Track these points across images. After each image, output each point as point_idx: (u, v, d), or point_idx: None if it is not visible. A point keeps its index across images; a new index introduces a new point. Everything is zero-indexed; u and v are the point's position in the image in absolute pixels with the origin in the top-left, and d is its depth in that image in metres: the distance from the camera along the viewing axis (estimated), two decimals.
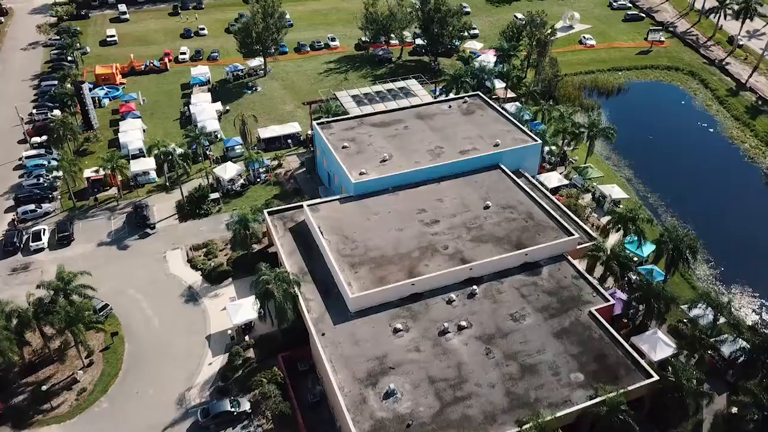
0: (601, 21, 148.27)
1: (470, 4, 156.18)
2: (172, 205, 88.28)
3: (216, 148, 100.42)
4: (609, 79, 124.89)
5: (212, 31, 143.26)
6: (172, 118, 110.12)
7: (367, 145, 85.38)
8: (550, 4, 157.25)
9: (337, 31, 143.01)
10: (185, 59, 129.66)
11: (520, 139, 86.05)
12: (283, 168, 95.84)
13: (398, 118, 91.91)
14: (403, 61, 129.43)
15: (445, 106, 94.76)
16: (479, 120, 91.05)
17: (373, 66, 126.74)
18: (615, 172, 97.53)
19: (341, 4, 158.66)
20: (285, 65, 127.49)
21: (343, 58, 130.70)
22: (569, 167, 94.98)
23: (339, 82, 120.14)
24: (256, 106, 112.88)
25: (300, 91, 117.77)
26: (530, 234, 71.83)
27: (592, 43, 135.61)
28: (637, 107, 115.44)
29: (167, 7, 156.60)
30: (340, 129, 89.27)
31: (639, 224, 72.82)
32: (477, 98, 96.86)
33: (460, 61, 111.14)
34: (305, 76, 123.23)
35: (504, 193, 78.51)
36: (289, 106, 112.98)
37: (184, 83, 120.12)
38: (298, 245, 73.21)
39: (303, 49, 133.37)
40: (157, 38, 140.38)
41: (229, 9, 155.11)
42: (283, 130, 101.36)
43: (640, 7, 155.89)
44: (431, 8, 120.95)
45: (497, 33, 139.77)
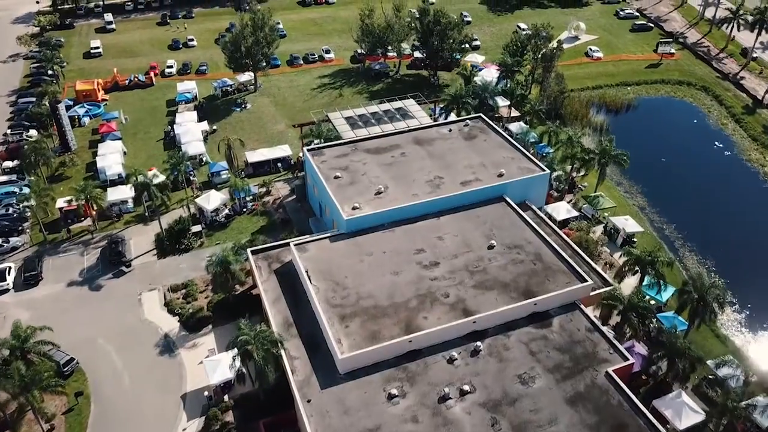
0: (608, 31, 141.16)
1: (471, 13, 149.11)
2: (150, 239, 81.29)
3: (201, 173, 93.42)
4: (617, 94, 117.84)
5: (201, 42, 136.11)
6: (155, 139, 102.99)
7: (361, 175, 78.34)
8: (554, 14, 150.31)
9: (332, 41, 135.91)
10: (172, 73, 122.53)
11: (526, 169, 79.02)
12: (271, 196, 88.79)
13: (395, 143, 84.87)
14: (401, 75, 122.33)
15: (445, 129, 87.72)
16: (482, 146, 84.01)
17: (370, 81, 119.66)
18: (627, 199, 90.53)
19: (337, 12, 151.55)
20: (277, 80, 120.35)
21: (338, 72, 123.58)
22: (578, 195, 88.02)
23: (333, 99, 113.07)
24: (245, 126, 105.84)
25: (292, 108, 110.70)
26: (539, 279, 64.84)
27: (599, 56, 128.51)
28: (647, 126, 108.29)
29: (156, 16, 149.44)
30: (333, 156, 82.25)
31: (658, 267, 65.91)
32: (479, 121, 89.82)
33: (460, 75, 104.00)
34: (298, 91, 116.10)
35: (509, 230, 71.50)
36: (280, 125, 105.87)
37: (170, 99, 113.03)
38: (284, 291, 66.22)
39: (296, 61, 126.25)
40: (144, 50, 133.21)
41: (220, 18, 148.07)
42: (272, 153, 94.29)
43: (648, 16, 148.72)
44: (430, 20, 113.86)
45: (499, 45, 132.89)
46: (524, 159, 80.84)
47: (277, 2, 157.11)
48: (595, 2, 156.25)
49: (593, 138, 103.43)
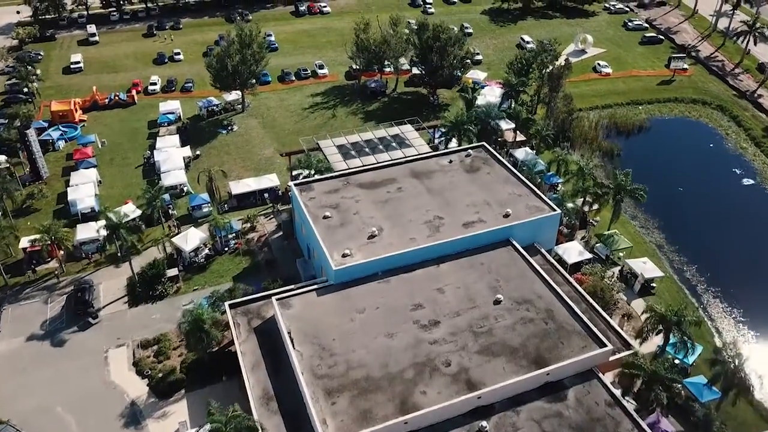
0: (616, 44, 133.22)
1: (472, 24, 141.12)
2: (122, 283, 73.54)
3: (181, 206, 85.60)
4: (628, 114, 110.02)
5: (189, 56, 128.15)
6: (134, 165, 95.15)
7: (353, 214, 70.53)
8: (559, 25, 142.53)
9: (326, 55, 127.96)
10: (155, 90, 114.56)
11: (535, 208, 71.18)
12: (256, 232, 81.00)
13: (391, 176, 77.04)
14: (398, 93, 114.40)
15: (445, 160, 79.86)
16: (485, 180, 76.19)
17: (365, 99, 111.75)
18: (643, 235, 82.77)
19: (331, 23, 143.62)
20: (266, 98, 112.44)
21: (332, 90, 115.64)
22: (591, 232, 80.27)
23: (325, 121, 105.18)
24: (231, 150, 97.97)
25: (281, 131, 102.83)
26: (551, 342, 57.07)
27: (608, 71, 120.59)
28: (661, 150, 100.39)
29: (142, 27, 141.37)
30: (322, 191, 74.43)
31: (685, 328, 58.20)
32: (482, 150, 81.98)
33: (461, 97, 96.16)
34: (288, 112, 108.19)
35: (517, 280, 63.70)
36: (268, 150, 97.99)
37: (152, 120, 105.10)
38: (265, 354, 58.51)
39: (287, 78, 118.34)
40: (127, 64, 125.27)
41: (209, 29, 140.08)
42: (258, 183, 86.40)
43: (658, 27, 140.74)
44: (429, 36, 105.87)
45: (502, 58, 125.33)
46: (532, 196, 73.00)
47: (270, 13, 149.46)
48: (602, 12, 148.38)
49: (604, 165, 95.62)
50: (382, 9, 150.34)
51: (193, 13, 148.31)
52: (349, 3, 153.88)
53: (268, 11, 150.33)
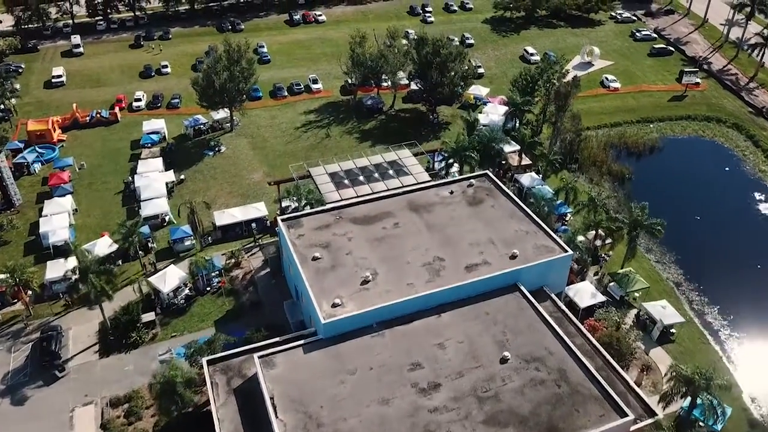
0: (624, 56, 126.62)
1: (473, 34, 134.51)
2: (94, 328, 67.07)
3: (162, 237, 79.09)
4: (639, 133, 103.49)
5: (177, 69, 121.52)
6: (114, 190, 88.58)
7: (345, 254, 64.00)
8: (564, 35, 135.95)
9: (320, 68, 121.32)
10: (140, 107, 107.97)
11: (545, 248, 64.62)
12: (241, 268, 74.50)
13: (387, 209, 70.45)
14: (396, 110, 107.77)
15: (446, 191, 73.29)
16: (489, 214, 69.62)
17: (360, 117, 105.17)
18: (660, 271, 76.30)
19: (327, 33, 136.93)
20: (257, 115, 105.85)
21: (326, 106, 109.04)
22: (604, 268, 73.80)
23: (319, 141, 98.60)
24: (217, 174, 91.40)
25: (272, 152, 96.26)
26: (565, 410, 50.58)
27: (616, 86, 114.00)
28: (675, 174, 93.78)
29: (129, 37, 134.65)
30: (312, 227, 67.86)
31: (714, 392, 51.80)
32: (485, 180, 75.40)
33: (463, 120, 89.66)
34: (280, 131, 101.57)
35: (526, 333, 57.18)
36: (257, 173, 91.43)
37: (136, 140, 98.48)
38: (245, 420, 51.99)
39: (279, 93, 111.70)
40: (112, 78, 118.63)
41: (199, 39, 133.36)
42: (244, 213, 79.82)
43: (666, 38, 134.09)
44: (429, 51, 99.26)
45: (505, 71, 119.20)
46: (541, 234, 66.41)
47: (263, 22, 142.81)
48: (609, 22, 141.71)
49: (616, 193, 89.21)
50: (380, 18, 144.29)
51: (183, 22, 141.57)
52: (346, 12, 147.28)
53: (261, 20, 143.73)
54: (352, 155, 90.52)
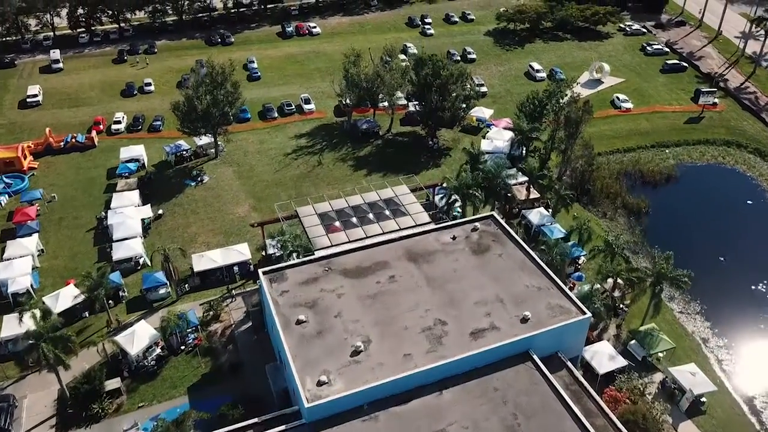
0: (636, 72, 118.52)
1: (475, 47, 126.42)
2: (53, 396, 59.15)
3: (134, 282, 71.13)
4: (654, 159, 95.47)
5: (161, 87, 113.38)
6: (86, 227, 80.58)
7: (334, 317, 56.12)
8: (571, 48, 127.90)
9: (313, 85, 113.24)
10: (120, 130, 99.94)
11: (559, 308, 56.72)
12: (220, 322, 66.54)
13: (382, 258, 62.57)
14: (393, 134, 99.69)
15: (448, 236, 65.36)
16: (497, 265, 61.70)
17: (355, 142, 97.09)
18: (684, 323, 68.41)
19: (321, 46, 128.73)
20: (244, 139, 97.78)
21: (319, 129, 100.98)
22: (623, 323, 65.86)
23: (310, 169, 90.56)
24: (199, 208, 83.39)
25: (259, 182, 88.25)
26: None
27: (628, 107, 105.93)
28: (695, 206, 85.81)
29: (113, 51, 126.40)
30: (297, 281, 59.97)
31: None
32: (491, 222, 67.44)
33: (465, 153, 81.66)
34: (268, 158, 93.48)
35: (540, 415, 49.35)
36: (242, 207, 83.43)
37: (113, 167, 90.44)
38: None
39: (269, 115, 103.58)
40: (92, 97, 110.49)
41: (186, 54, 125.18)
42: (225, 257, 71.74)
43: (679, 52, 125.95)
44: (428, 73, 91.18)
45: (509, 89, 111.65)
46: (555, 291, 58.51)
47: (254, 34, 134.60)
48: (617, 34, 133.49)
49: (633, 228, 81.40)
50: (377, 29, 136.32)
51: (169, 34, 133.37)
52: (341, 23, 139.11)
53: (252, 32, 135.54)
54: (344, 186, 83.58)
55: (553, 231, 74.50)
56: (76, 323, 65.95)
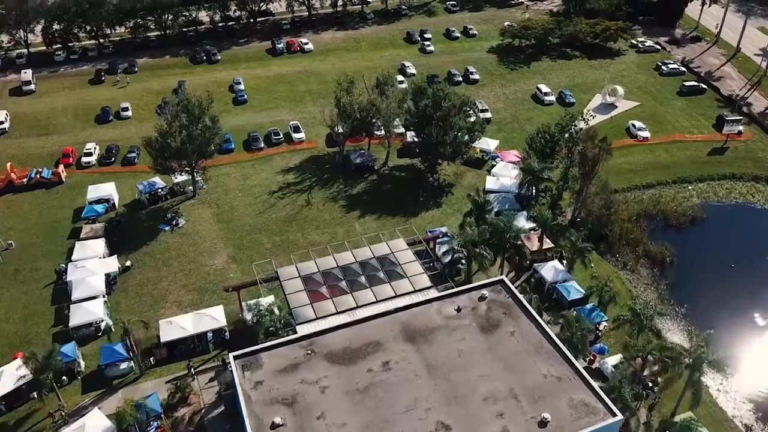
0: (651, 94, 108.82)
1: (478, 66, 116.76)
2: None
3: (94, 353, 61.59)
4: (676, 197, 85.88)
5: (139, 111, 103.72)
6: (44, 281, 71.09)
7: (317, 418, 46.66)
8: (581, 67, 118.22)
9: (304, 110, 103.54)
10: (90, 163, 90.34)
11: (583, 405, 47.24)
12: (188, 405, 57.04)
13: (374, 338, 53.05)
14: (389, 168, 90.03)
15: (451, 307, 55.83)
16: (509, 347, 52.16)
17: (348, 177, 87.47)
18: (722, 404, 58.91)
19: (313, 65, 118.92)
20: (227, 174, 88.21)
21: (309, 162, 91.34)
22: (655, 410, 56.35)
23: (297, 210, 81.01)
24: (172, 258, 73.82)
25: (240, 226, 78.67)
26: None
27: (645, 135, 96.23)
28: (725, 256, 75.66)
29: (90, 70, 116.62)
30: (274, 369, 50.52)
31: None
32: (501, 289, 57.86)
33: (470, 200, 72.12)
34: (252, 196, 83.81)
35: None
36: (220, 258, 73.88)
37: (80, 207, 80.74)
38: None
39: (255, 145, 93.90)
40: (63, 123, 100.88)
41: (169, 73, 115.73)
42: (197, 324, 62.15)
43: (697, 72, 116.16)
44: (428, 104, 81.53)
45: (515, 114, 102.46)
46: (578, 382, 49.00)
47: (242, 51, 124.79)
48: (630, 52, 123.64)
49: (657, 283, 71.98)
50: (374, 45, 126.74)
51: (152, 51, 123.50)
52: (336, 39, 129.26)
53: (240, 48, 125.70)
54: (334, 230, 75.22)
55: (569, 291, 65.18)
56: (21, 407, 56.59)
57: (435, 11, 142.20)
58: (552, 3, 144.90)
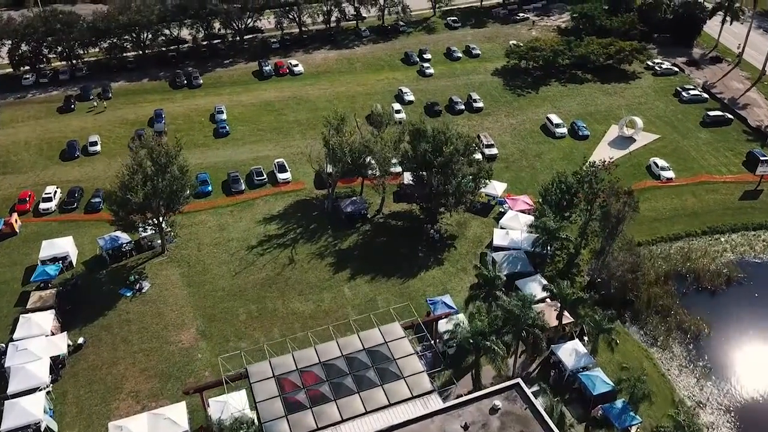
0: (672, 126, 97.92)
1: (482, 92, 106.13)
2: None
3: None
4: (708, 251, 75.07)
5: (109, 146, 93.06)
6: None
7: None
8: (592, 92, 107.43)
9: (292, 144, 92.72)
10: (50, 209, 79.64)
11: None
12: None
13: None
14: (384, 216, 79.19)
15: (458, 423, 45.15)
16: None
17: (338, 227, 76.71)
18: None
19: (303, 90, 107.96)
20: (202, 223, 77.45)
21: (295, 207, 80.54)
22: None
23: (279, 271, 70.24)
24: (132, 334, 63.09)
25: (212, 291, 67.90)
26: None
27: (669, 176, 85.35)
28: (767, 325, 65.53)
29: (60, 95, 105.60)
30: None
31: None
32: (516, 396, 47.14)
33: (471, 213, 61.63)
34: (227, 253, 72.96)
35: None
36: (188, 333, 63.12)
37: (33, 266, 69.90)
38: None
39: (235, 188, 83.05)
40: (24, 160, 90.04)
41: (145, 100, 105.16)
42: (153, 427, 51.40)
43: (720, 98, 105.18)
44: (427, 148, 70.66)
45: (524, 149, 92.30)
46: None
47: (227, 73, 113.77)
48: (646, 74, 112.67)
49: (694, 362, 61.26)
50: (369, 67, 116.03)
51: (129, 74, 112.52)
52: (328, 59, 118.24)
53: (224, 70, 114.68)
54: (320, 296, 64.92)
55: (595, 383, 54.55)
56: None
57: (435, 27, 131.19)
58: (560, 19, 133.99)
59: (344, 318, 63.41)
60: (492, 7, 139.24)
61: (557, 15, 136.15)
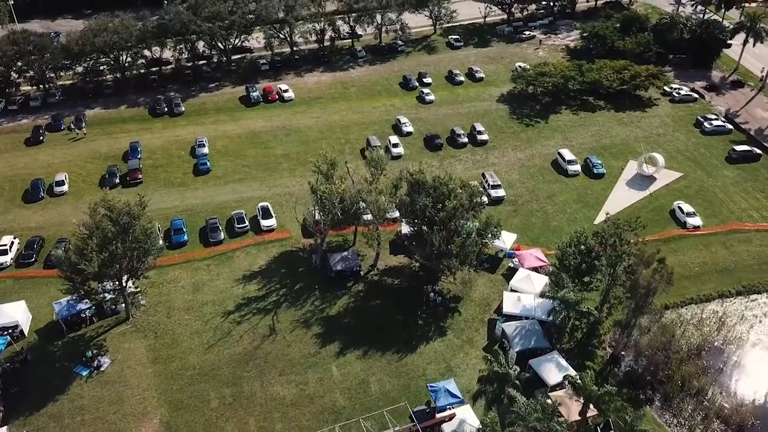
0: (695, 161, 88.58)
1: (486, 120, 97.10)
2: None
3: None
4: (746, 315, 65.71)
5: (78, 184, 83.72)
6: None
7: None
8: (606, 122, 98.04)
9: (278, 183, 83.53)
10: (4, 265, 70.10)
11: None
12: None
13: None
14: (380, 272, 69.65)
15: None
16: None
17: (327, 288, 67.22)
18: None
19: (294, 119, 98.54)
20: (174, 281, 68.03)
21: (279, 262, 71.04)
22: None
23: (258, 344, 60.81)
24: (85, 424, 53.76)
25: (181, 370, 58.44)
26: None
27: (696, 224, 75.93)
28: None
29: (29, 125, 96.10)
30: None
31: None
32: None
33: (477, 270, 52.35)
34: (201, 320, 63.50)
35: None
36: (150, 425, 53.68)
37: None
38: None
39: (214, 238, 73.52)
40: None
41: (121, 130, 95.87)
42: None
43: (745, 129, 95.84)
44: (428, 204, 61.25)
45: (534, 190, 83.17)
46: None
47: (211, 99, 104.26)
48: (663, 100, 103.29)
49: None
50: (365, 92, 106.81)
51: (106, 99, 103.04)
52: (321, 83, 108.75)
53: (209, 95, 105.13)
54: (304, 376, 55.87)
55: None
56: None
57: (435, 47, 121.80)
58: (568, 37, 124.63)
59: (331, 405, 54.30)
60: (496, 24, 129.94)
61: (565, 33, 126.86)
